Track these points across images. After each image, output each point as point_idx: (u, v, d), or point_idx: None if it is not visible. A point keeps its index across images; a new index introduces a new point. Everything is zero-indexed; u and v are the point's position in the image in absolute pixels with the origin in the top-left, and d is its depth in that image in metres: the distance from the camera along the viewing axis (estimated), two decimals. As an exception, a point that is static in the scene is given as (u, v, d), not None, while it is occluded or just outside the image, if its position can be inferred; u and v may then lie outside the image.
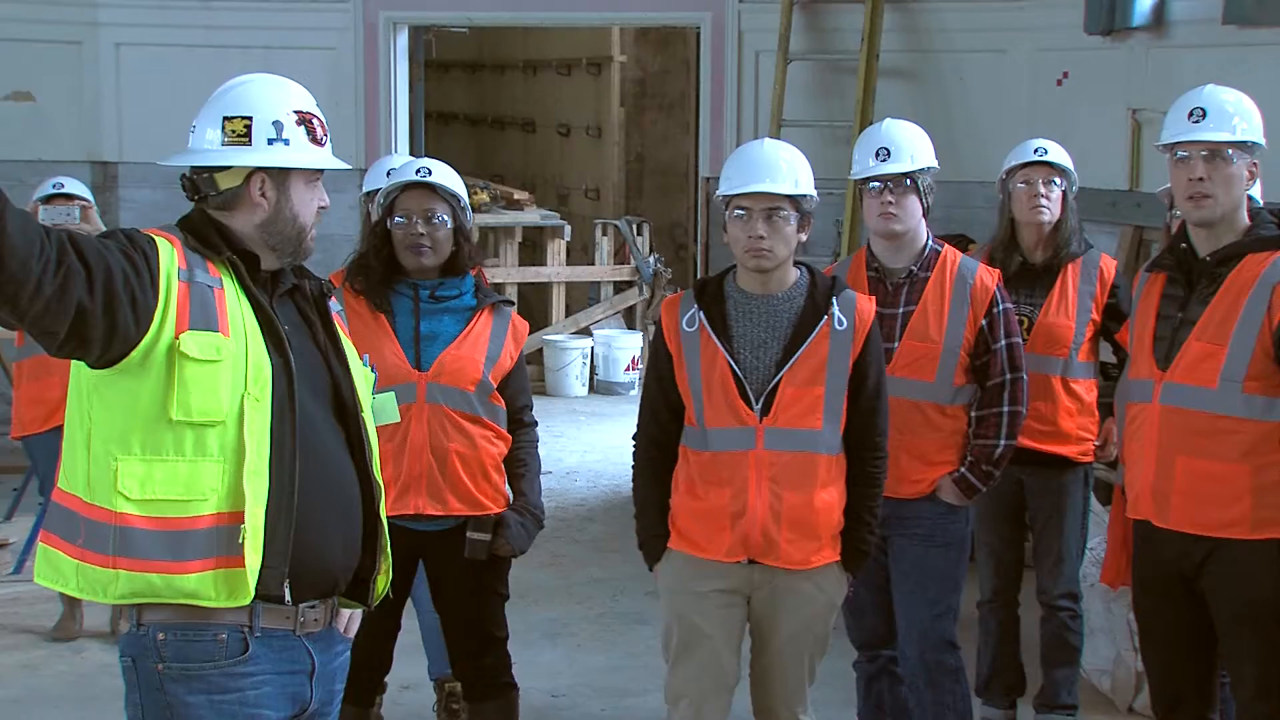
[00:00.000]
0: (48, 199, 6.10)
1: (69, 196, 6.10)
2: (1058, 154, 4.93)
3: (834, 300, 3.88)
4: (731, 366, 3.86)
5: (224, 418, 2.82)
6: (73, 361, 2.84)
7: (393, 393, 3.91)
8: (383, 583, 3.12)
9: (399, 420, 3.98)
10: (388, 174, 4.82)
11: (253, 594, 2.82)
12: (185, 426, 2.80)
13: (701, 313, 3.91)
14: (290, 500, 2.86)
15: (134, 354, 2.77)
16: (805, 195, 3.84)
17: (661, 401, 3.99)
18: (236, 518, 2.82)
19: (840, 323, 3.87)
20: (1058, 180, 4.89)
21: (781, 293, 3.90)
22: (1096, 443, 4.98)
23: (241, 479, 2.82)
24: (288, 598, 2.88)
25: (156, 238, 2.87)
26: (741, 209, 3.82)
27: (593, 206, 14.40)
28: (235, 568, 2.81)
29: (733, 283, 3.95)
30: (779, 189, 3.80)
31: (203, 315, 2.83)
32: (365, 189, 4.99)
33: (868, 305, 3.95)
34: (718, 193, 3.91)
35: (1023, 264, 4.91)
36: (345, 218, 8.14)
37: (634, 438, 4.13)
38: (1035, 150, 4.93)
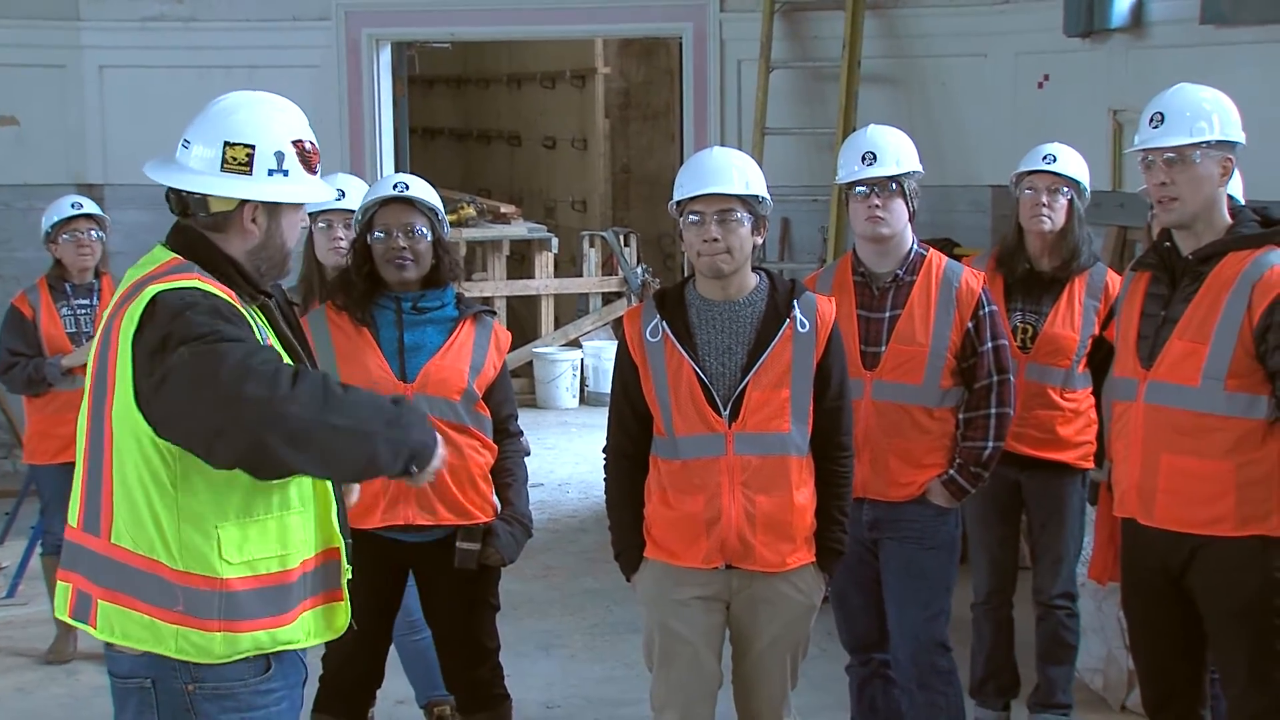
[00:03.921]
0: (69, 220, 6.03)
1: (90, 216, 6.05)
2: (1066, 163, 4.88)
3: (795, 303, 3.89)
4: (698, 374, 3.86)
5: None
6: (114, 414, 2.80)
7: None
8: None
9: None
10: (342, 192, 4.82)
11: (346, 623, 3.01)
12: (274, 486, 2.86)
13: (664, 322, 3.92)
14: None
15: None
16: (757, 197, 3.84)
17: (629, 412, 4.01)
18: (319, 558, 2.95)
19: (802, 325, 3.88)
20: (1064, 189, 4.85)
21: (742, 298, 3.90)
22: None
23: (322, 521, 2.96)
24: None
25: (216, 292, 2.82)
26: (695, 213, 3.83)
27: (580, 218, 14.42)
28: (328, 603, 2.98)
29: (693, 290, 3.95)
30: (729, 190, 3.80)
31: None
32: (309, 210, 4.97)
33: (828, 307, 3.96)
34: (671, 201, 3.92)
35: (1029, 270, 4.91)
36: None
37: (604, 450, 4.14)
38: (1044, 157, 4.89)
